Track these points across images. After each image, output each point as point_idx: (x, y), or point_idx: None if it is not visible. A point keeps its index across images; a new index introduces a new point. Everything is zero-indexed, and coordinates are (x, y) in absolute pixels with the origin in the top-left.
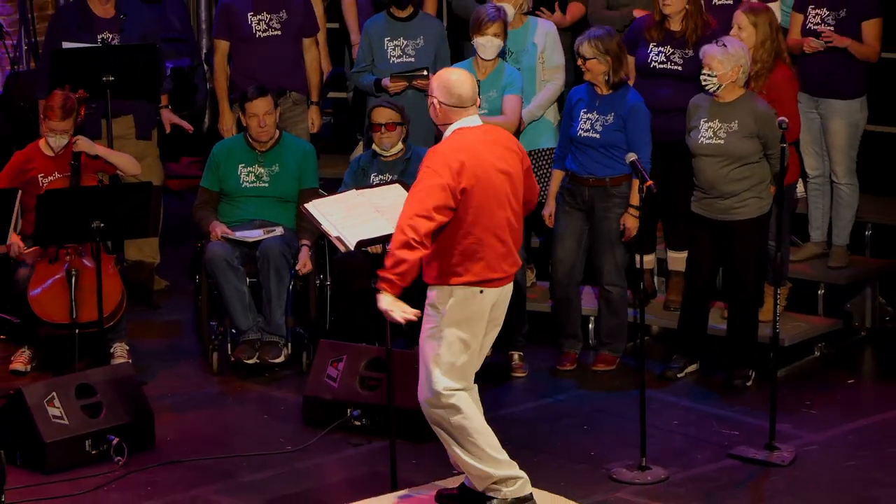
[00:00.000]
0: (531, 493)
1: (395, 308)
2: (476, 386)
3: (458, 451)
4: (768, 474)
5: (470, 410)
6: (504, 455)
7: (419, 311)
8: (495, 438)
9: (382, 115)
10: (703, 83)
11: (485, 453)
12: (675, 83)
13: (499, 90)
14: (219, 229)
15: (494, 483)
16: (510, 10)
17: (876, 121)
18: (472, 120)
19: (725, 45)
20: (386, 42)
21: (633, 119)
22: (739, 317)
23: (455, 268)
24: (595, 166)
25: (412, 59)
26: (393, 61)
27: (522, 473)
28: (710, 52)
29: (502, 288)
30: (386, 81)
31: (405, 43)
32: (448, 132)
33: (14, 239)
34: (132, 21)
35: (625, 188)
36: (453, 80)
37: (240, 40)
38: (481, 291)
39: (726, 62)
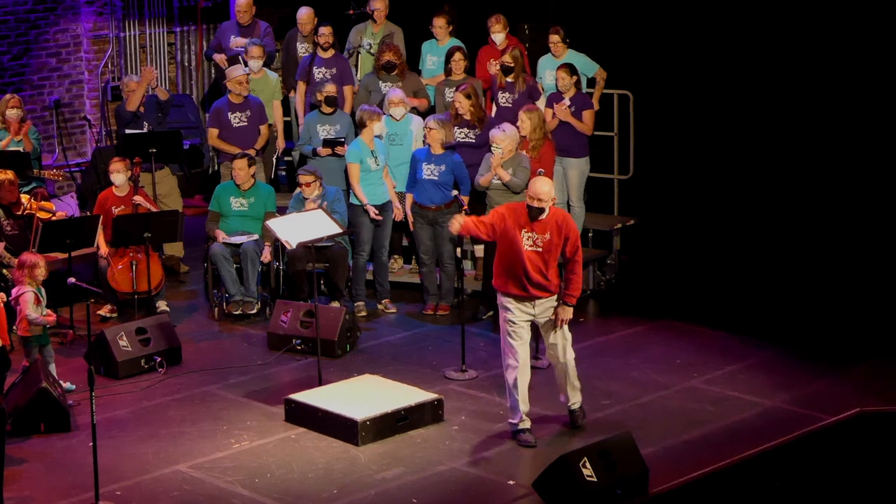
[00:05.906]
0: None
1: None
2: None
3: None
4: (534, 373)
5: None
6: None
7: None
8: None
9: (303, 178)
10: (494, 152)
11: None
12: (469, 150)
13: (381, 160)
14: (220, 236)
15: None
16: (401, 111)
17: (595, 171)
18: None
19: (504, 130)
20: (318, 127)
21: (458, 168)
22: None
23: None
24: (436, 197)
25: (333, 136)
26: (323, 137)
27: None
28: (495, 134)
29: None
30: (319, 150)
31: (329, 128)
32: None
33: (100, 242)
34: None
35: (454, 209)
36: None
37: (224, 128)
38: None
39: (508, 139)
